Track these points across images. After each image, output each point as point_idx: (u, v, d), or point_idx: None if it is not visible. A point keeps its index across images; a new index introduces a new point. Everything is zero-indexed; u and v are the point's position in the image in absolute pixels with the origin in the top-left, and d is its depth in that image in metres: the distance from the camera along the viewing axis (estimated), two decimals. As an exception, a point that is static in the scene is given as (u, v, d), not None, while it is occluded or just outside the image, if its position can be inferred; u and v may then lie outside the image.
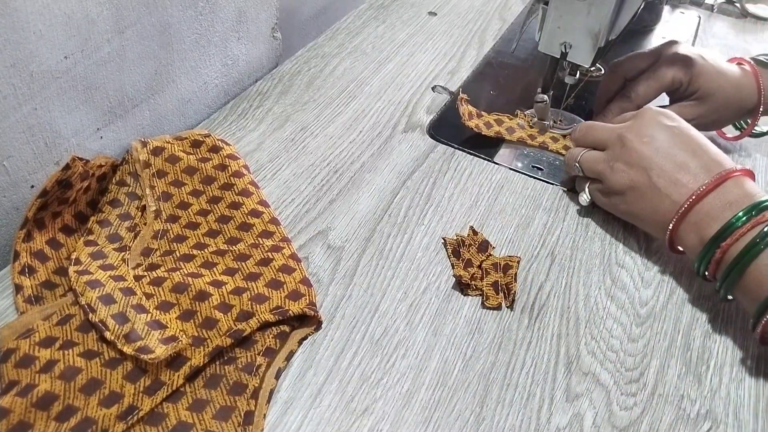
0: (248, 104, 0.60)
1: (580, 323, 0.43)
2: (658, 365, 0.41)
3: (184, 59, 0.54)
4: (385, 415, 0.36)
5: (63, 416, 0.33)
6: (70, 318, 0.37)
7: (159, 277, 0.40)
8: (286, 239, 0.45)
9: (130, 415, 0.33)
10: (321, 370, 0.38)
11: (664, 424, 0.38)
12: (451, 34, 0.75)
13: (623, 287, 0.46)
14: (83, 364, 0.35)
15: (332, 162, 0.54)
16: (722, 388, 0.40)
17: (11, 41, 0.38)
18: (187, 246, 0.44)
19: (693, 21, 0.85)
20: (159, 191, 0.46)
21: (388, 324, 0.41)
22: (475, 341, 0.41)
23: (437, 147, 0.57)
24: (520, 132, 0.59)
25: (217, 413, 0.35)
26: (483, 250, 0.46)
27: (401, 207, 0.50)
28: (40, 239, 0.42)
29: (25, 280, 0.40)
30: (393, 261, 0.46)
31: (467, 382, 0.39)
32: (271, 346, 0.38)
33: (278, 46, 0.67)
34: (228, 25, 0.58)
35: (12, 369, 0.34)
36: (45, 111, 0.42)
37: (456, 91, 0.64)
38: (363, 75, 0.65)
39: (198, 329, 0.38)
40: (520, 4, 0.84)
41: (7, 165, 0.41)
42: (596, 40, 0.51)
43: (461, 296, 0.44)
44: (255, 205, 0.46)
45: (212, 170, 0.48)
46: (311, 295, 0.41)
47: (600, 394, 0.39)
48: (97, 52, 0.44)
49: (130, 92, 0.49)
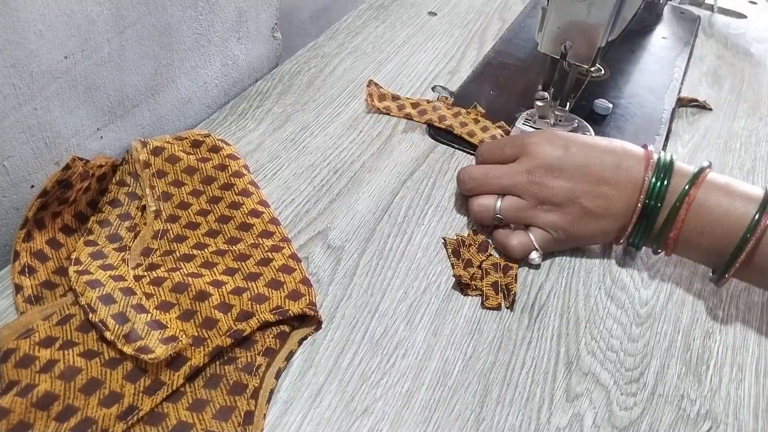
0: (248, 104, 0.60)
1: (580, 323, 0.43)
2: (658, 365, 0.41)
3: (184, 59, 0.54)
4: (385, 415, 0.36)
5: (63, 416, 0.33)
6: (70, 318, 0.37)
7: (159, 277, 0.40)
8: (286, 239, 0.45)
9: (130, 415, 0.33)
10: (321, 370, 0.38)
11: (664, 424, 0.38)
12: (451, 34, 0.75)
13: (623, 287, 0.46)
14: (83, 364, 0.35)
15: (332, 162, 0.54)
16: (722, 388, 0.40)
17: (11, 41, 0.38)
18: (187, 246, 0.44)
19: (693, 21, 0.85)
20: (159, 191, 0.46)
21: (388, 324, 0.41)
22: (475, 341, 0.41)
23: (437, 147, 0.57)
24: (432, 114, 0.59)
25: (217, 413, 0.35)
26: (483, 250, 0.46)
27: (401, 207, 0.50)
28: (40, 239, 0.42)
29: (25, 280, 0.40)
30: (393, 261, 0.46)
31: (467, 382, 0.39)
32: (271, 346, 0.38)
33: (278, 46, 0.67)
34: (228, 25, 0.58)
35: (12, 369, 0.34)
36: (45, 111, 0.42)
37: (454, 92, 0.64)
38: (363, 75, 0.65)
39: (198, 329, 0.38)
40: (520, 4, 0.84)
41: (7, 165, 0.41)
42: (596, 40, 0.51)
43: (461, 296, 0.44)
44: (255, 205, 0.46)
45: (212, 170, 0.48)
46: (311, 295, 0.41)
47: (600, 394, 0.39)
48: (97, 52, 0.44)
49: (130, 92, 0.49)
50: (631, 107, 0.65)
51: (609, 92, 0.66)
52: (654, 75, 0.71)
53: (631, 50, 0.76)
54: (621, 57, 0.73)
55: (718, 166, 0.60)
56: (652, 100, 0.67)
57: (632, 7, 0.56)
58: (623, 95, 0.67)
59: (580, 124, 0.59)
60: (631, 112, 0.64)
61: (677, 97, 0.68)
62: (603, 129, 0.61)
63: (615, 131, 0.61)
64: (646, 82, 0.70)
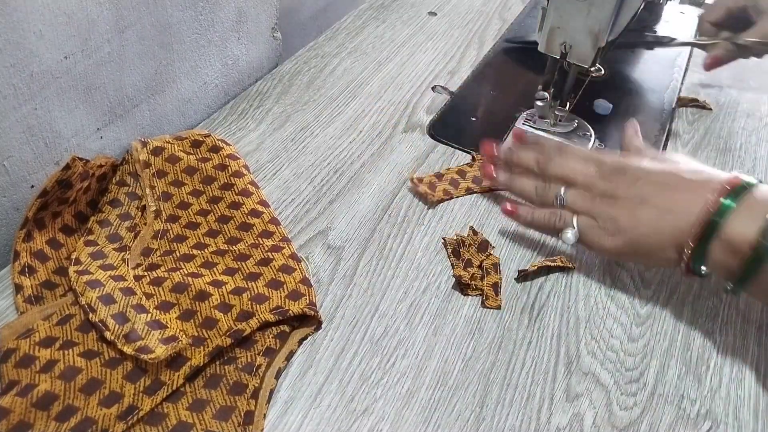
0: (248, 104, 0.60)
1: (580, 323, 0.43)
2: (658, 365, 0.41)
3: (184, 59, 0.54)
4: (385, 415, 0.36)
5: (63, 416, 0.33)
6: (70, 318, 0.37)
7: (159, 277, 0.40)
8: (286, 239, 0.45)
9: (130, 415, 0.33)
10: (321, 370, 0.38)
11: (664, 424, 0.38)
12: (451, 34, 0.75)
13: (623, 287, 0.46)
14: (83, 364, 0.35)
15: (332, 162, 0.54)
16: (722, 388, 0.40)
17: (11, 41, 0.38)
18: (187, 246, 0.44)
19: (693, 21, 0.85)
20: (159, 191, 0.46)
21: (388, 324, 0.41)
22: (475, 341, 0.41)
23: (437, 147, 0.57)
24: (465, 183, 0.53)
25: (217, 413, 0.35)
26: (483, 250, 0.46)
27: (401, 207, 0.50)
28: (40, 239, 0.42)
29: (25, 280, 0.40)
30: (393, 261, 0.46)
31: (467, 382, 0.39)
32: (271, 346, 0.38)
33: (278, 46, 0.67)
34: (228, 25, 0.58)
35: (12, 369, 0.34)
36: (45, 111, 0.42)
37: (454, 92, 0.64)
38: (363, 75, 0.65)
39: (198, 329, 0.38)
40: (520, 4, 0.84)
41: (7, 165, 0.41)
42: (596, 40, 0.51)
43: (461, 296, 0.44)
44: (255, 205, 0.46)
45: (212, 170, 0.48)
46: (311, 295, 0.41)
47: (600, 394, 0.39)
48: (97, 52, 0.44)
49: (130, 92, 0.49)
50: (631, 107, 0.65)
51: (609, 92, 0.66)
52: (654, 75, 0.71)
53: (631, 50, 0.76)
54: (621, 57, 0.74)
55: (718, 166, 0.60)
56: (652, 100, 0.67)
57: (632, 7, 0.56)
58: (623, 95, 0.67)
59: (580, 124, 0.59)
60: (631, 112, 0.64)
61: (677, 97, 0.68)
62: (603, 129, 0.61)
63: (615, 131, 0.61)
64: (646, 82, 0.70)
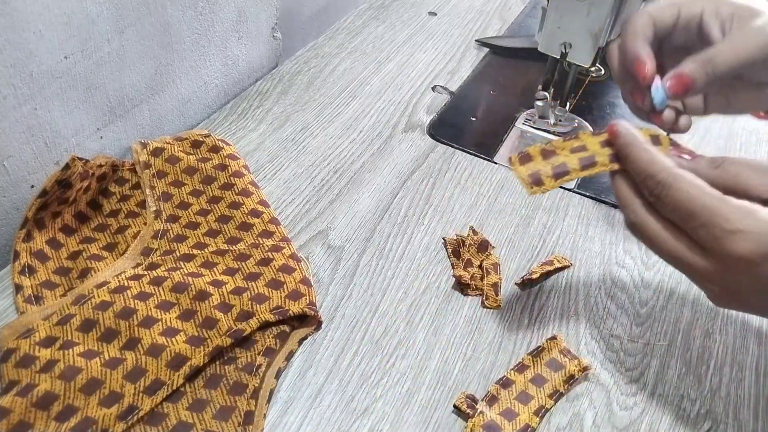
0: (248, 104, 0.60)
1: (580, 323, 0.43)
2: (658, 365, 0.41)
3: (184, 59, 0.54)
4: (385, 415, 0.36)
5: (63, 416, 0.33)
6: (70, 318, 0.37)
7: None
8: (286, 239, 0.45)
9: (130, 415, 0.33)
10: (321, 370, 0.38)
11: (664, 424, 0.38)
12: (451, 34, 0.75)
13: (623, 287, 0.46)
14: (83, 364, 0.35)
15: (332, 162, 0.54)
16: (722, 388, 0.40)
17: (11, 41, 0.38)
18: (187, 246, 0.44)
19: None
20: (159, 191, 0.46)
21: (388, 324, 0.41)
22: (475, 341, 0.41)
23: (437, 147, 0.57)
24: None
25: (217, 413, 0.35)
26: (483, 250, 0.46)
27: (401, 207, 0.50)
28: (40, 239, 0.42)
29: (25, 280, 0.40)
30: (393, 261, 0.46)
31: (467, 382, 0.39)
32: (271, 346, 0.38)
33: (278, 46, 0.67)
34: (228, 25, 0.58)
35: (12, 369, 0.34)
36: (45, 111, 0.42)
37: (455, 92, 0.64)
38: (363, 75, 0.65)
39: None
40: (520, 4, 0.84)
41: (7, 165, 0.41)
42: (596, 40, 0.51)
43: (461, 296, 0.44)
44: (255, 205, 0.46)
45: (212, 170, 0.48)
46: (311, 294, 0.41)
47: (600, 394, 0.39)
48: (97, 52, 0.44)
49: (130, 92, 0.49)
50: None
51: (609, 92, 0.66)
52: (654, 75, 0.71)
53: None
54: (621, 57, 0.73)
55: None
56: (652, 100, 0.66)
57: (632, 7, 0.56)
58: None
59: (580, 124, 0.59)
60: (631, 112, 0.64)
61: (677, 97, 0.68)
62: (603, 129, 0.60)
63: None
64: (646, 82, 0.69)
